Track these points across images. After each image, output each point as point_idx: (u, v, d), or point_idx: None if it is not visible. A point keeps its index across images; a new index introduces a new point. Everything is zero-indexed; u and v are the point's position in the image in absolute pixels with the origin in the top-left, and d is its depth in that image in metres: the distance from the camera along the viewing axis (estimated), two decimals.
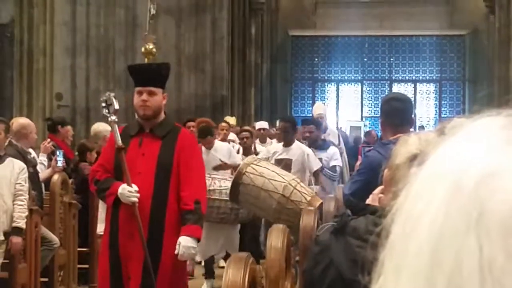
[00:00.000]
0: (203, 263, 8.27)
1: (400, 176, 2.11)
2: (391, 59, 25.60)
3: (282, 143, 8.29)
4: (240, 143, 10.04)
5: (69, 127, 9.10)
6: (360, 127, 23.13)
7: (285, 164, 7.66)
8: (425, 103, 25.54)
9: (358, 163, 5.51)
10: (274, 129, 12.19)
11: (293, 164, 7.86)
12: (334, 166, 8.77)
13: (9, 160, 6.13)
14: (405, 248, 0.66)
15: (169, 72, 5.08)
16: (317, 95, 25.37)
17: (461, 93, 25.19)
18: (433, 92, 25.67)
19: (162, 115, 4.84)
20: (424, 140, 2.13)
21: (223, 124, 10.31)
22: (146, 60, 13.11)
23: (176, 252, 4.54)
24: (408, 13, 23.90)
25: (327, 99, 25.29)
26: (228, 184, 7.15)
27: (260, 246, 8.44)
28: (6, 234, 6.01)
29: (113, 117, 4.76)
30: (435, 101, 25.50)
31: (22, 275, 6.35)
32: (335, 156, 8.86)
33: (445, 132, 0.72)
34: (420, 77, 25.62)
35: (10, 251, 6.06)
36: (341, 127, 22.73)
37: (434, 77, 25.57)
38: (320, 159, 8.54)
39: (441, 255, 0.63)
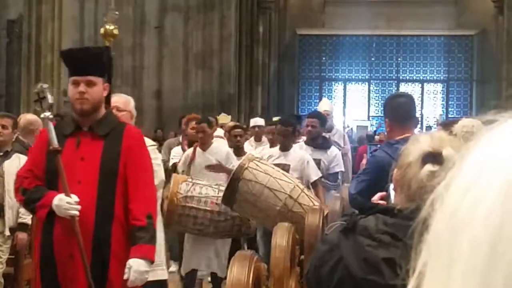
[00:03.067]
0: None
1: (412, 174, 2.12)
2: (399, 59, 25.57)
3: (278, 147, 7.29)
4: (230, 143, 8.46)
5: None
6: (366, 126, 23.13)
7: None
8: (432, 103, 25.50)
9: (364, 161, 5.48)
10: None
11: (291, 170, 6.89)
12: (336, 173, 7.65)
13: (16, 156, 6.13)
14: (456, 244, 0.65)
15: (111, 57, 4.34)
16: (324, 94, 25.35)
17: (468, 94, 25.14)
18: (440, 92, 25.63)
19: (103, 110, 4.03)
20: (437, 138, 2.14)
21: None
22: (106, 43, 12.05)
23: (126, 277, 3.77)
24: (416, 13, 23.87)
25: (334, 98, 25.28)
26: (210, 191, 6.46)
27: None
28: (12, 230, 6.02)
29: (47, 113, 3.96)
30: (442, 101, 25.46)
31: (28, 271, 6.37)
32: (336, 160, 7.68)
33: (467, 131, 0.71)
34: (428, 77, 25.58)
35: (16, 246, 6.07)
36: (348, 125, 22.75)
37: (442, 77, 25.53)
38: (319, 161, 7.46)
39: (500, 249, 0.62)
